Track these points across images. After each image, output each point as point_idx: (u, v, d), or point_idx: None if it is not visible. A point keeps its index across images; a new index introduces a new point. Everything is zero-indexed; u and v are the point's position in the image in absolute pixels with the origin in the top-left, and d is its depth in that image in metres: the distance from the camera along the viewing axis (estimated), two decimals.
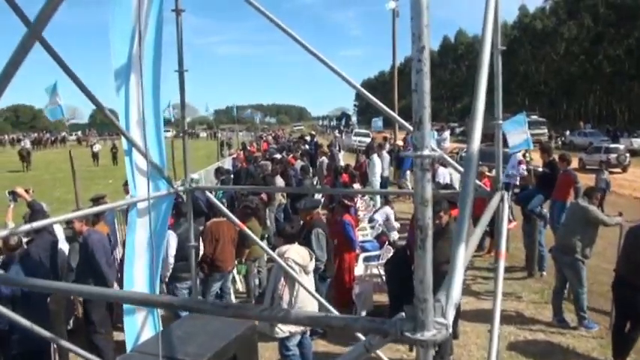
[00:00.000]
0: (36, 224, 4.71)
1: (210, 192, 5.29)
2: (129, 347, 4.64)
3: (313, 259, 5.66)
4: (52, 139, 54.02)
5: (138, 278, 4.66)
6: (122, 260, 4.97)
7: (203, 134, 77.30)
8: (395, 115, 4.91)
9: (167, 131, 4.90)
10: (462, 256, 2.01)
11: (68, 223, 6.95)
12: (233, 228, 7.53)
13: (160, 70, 4.67)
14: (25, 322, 3.05)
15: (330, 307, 4.96)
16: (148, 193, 4.07)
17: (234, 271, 8.31)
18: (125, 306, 4.59)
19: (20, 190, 5.88)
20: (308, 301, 5.37)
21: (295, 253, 5.51)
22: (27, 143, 37.55)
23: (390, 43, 35.91)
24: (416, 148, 1.70)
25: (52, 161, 9.34)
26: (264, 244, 8.96)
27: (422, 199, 1.70)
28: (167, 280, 7.05)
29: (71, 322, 7.30)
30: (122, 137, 4.36)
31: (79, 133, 62.00)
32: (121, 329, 5.03)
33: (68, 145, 53.13)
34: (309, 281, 5.50)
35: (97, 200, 8.34)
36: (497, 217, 3.54)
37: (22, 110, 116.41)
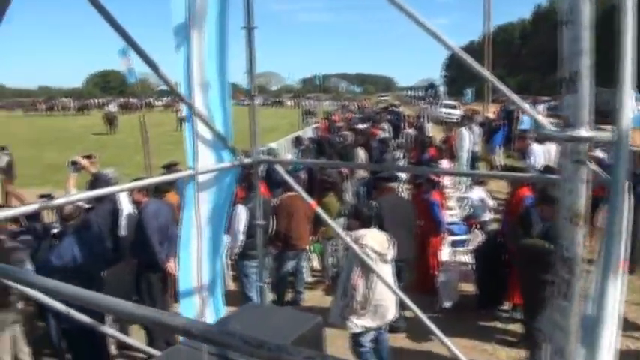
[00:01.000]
0: (91, 193, 4.39)
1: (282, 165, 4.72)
2: None
3: (393, 246, 4.99)
4: (140, 104, 55.80)
5: (195, 258, 4.21)
6: None
7: (289, 102, 77.37)
8: (498, 82, 4.11)
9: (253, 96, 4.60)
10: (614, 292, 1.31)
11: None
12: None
13: (227, 26, 4.11)
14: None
15: (409, 302, 4.30)
16: (196, 167, 3.54)
17: (309, 248, 7.79)
18: (181, 288, 4.16)
19: (82, 160, 5.58)
20: (386, 293, 4.74)
21: (372, 239, 4.86)
22: (113, 107, 38.65)
23: (481, 11, 33.82)
24: (567, 125, 1.00)
25: (138, 125, 9.42)
26: (341, 221, 8.43)
27: (570, 213, 1.00)
28: (236, 257, 6.63)
29: None
30: (183, 103, 3.85)
31: (168, 98, 63.41)
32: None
33: (155, 111, 54.73)
34: (387, 271, 4.85)
35: (169, 167, 8.04)
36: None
37: (111, 75, 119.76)
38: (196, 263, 4.23)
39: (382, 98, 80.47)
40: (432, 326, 3.93)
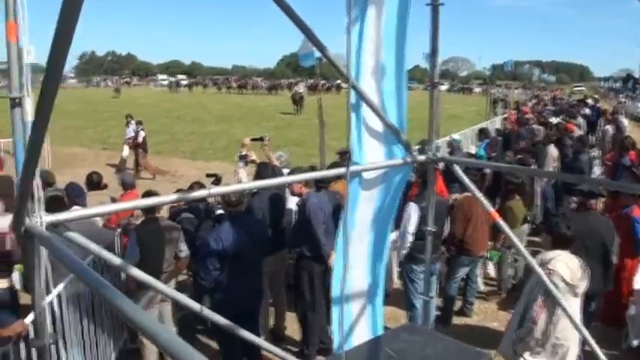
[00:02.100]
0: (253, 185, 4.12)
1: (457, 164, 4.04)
2: (335, 342, 3.81)
3: (586, 277, 4.04)
4: (328, 85, 56.66)
5: (355, 264, 3.74)
6: None
7: (477, 89, 74.46)
8: None
9: (441, 84, 4.07)
10: None
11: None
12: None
13: (409, 4, 3.53)
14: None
15: (592, 341, 3.43)
16: (347, 167, 3.02)
17: (486, 255, 6.97)
18: (333, 293, 3.72)
19: (248, 143, 5.44)
20: (570, 332, 3.84)
21: (564, 265, 3.96)
22: (300, 88, 39.82)
23: None
24: None
25: (325, 107, 9.50)
26: (525, 228, 7.45)
27: None
28: (402, 259, 6.08)
29: None
30: (351, 88, 3.36)
31: None
32: None
33: (343, 93, 55.73)
34: (575, 306, 3.93)
35: (343, 154, 7.71)
36: None
37: None
38: (356, 268, 3.78)
39: (577, 89, 73.81)
40: None
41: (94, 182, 6.88)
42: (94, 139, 22.48)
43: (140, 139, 15.59)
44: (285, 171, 6.70)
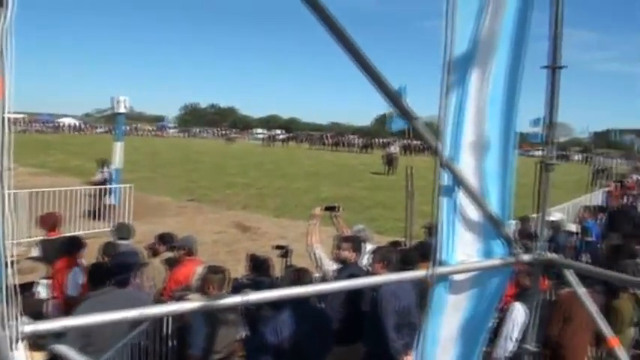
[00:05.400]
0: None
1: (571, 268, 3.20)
2: None
3: None
4: (423, 146, 55.55)
5: None
6: None
7: (576, 157, 71.02)
8: None
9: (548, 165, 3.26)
10: None
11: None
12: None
13: (522, 66, 2.85)
14: None
15: None
16: (431, 267, 2.32)
17: None
18: None
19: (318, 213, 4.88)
20: None
21: None
22: (393, 148, 39.07)
23: None
24: None
25: (418, 168, 8.96)
26: (633, 331, 6.31)
27: None
28: None
29: None
30: (442, 167, 2.68)
31: None
32: None
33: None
34: None
35: (430, 228, 6.91)
36: None
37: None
38: None
39: None
40: None
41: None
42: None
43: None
44: (367, 246, 6.04)
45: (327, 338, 4.39)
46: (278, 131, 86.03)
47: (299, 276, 4.38)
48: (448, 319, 2.91)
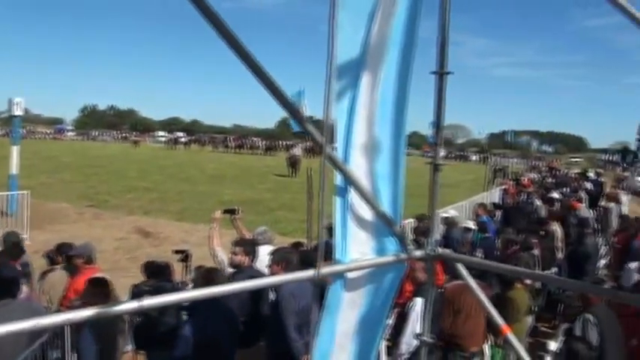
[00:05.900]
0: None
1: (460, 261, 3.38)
2: None
3: None
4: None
5: None
6: None
7: (474, 157, 74.99)
8: None
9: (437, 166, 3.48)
10: None
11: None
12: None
13: (410, 70, 2.96)
14: None
15: None
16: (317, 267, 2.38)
17: (486, 352, 6.20)
18: None
19: (218, 216, 4.86)
20: None
21: None
22: (298, 150, 39.11)
23: None
24: None
25: (319, 171, 9.15)
26: (529, 321, 6.71)
27: None
28: None
29: None
30: (336, 169, 2.75)
31: None
32: None
33: None
34: None
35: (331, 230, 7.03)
36: None
37: None
38: None
39: (574, 160, 73.90)
40: None
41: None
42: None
43: None
44: (268, 248, 6.04)
45: (237, 335, 4.41)
46: (180, 134, 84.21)
47: (211, 276, 4.37)
48: (344, 316, 2.98)
